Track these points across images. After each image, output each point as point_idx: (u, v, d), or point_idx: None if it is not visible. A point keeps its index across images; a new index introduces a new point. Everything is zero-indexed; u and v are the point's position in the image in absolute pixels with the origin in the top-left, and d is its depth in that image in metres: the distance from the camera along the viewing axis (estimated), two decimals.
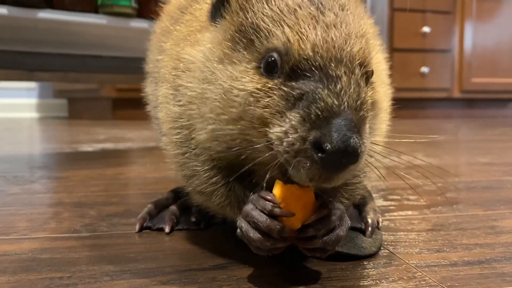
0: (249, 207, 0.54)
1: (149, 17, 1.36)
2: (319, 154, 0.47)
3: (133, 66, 1.46)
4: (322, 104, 0.48)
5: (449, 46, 3.82)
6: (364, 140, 0.49)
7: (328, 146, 0.46)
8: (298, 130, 0.48)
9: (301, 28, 0.51)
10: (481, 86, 3.87)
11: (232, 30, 0.55)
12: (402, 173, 0.62)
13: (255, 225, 0.53)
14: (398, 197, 1.01)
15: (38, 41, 1.47)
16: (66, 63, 1.58)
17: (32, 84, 3.99)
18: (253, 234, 0.53)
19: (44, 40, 1.48)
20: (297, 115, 0.49)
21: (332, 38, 0.51)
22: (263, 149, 0.52)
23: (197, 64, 0.59)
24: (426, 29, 3.71)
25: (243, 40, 0.54)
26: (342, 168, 0.48)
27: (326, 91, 0.48)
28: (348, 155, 0.47)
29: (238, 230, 0.56)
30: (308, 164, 0.48)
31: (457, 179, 1.24)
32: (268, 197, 0.53)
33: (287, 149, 0.49)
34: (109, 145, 2.00)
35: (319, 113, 0.48)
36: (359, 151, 0.47)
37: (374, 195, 0.88)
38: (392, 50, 3.55)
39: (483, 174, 1.32)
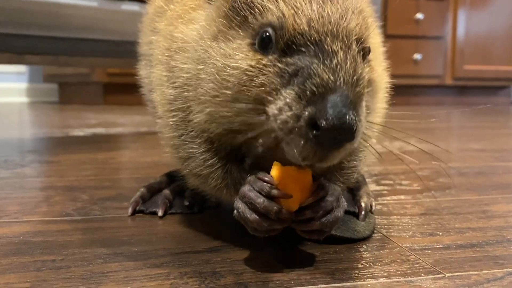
0: (246, 188, 0.54)
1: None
2: (314, 132, 0.46)
3: (125, 50, 1.44)
4: (318, 79, 0.47)
5: (442, 33, 3.81)
6: (360, 117, 0.48)
7: (323, 123, 0.45)
8: (292, 107, 0.47)
9: (296, 2, 0.50)
10: (473, 74, 3.87)
11: (226, 7, 0.55)
12: (399, 154, 0.61)
13: (252, 206, 0.53)
14: (391, 182, 1.01)
15: (28, 24, 1.45)
16: (56, 46, 1.56)
17: (22, 68, 3.93)
18: (250, 215, 0.53)
19: (34, 23, 1.46)
20: (292, 92, 0.48)
21: (328, 13, 0.50)
22: (260, 130, 0.51)
23: (190, 43, 0.58)
24: (419, 15, 3.70)
25: (237, 17, 0.53)
26: (338, 146, 0.47)
27: (321, 66, 0.47)
28: (344, 132, 0.46)
29: (235, 211, 0.55)
30: (302, 142, 0.47)
31: (449, 164, 1.25)
32: (266, 179, 0.53)
33: (281, 126, 0.48)
34: (100, 130, 1.99)
35: (314, 89, 0.47)
36: (355, 128, 0.46)
37: (367, 180, 0.88)
38: (385, 36, 3.53)
39: (475, 160, 1.33)
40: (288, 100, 0.48)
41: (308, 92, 0.47)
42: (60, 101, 3.88)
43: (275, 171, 0.53)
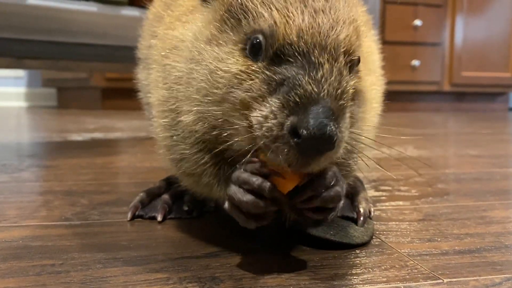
0: (238, 171, 0.54)
1: (140, 5, 1.34)
2: (295, 139, 0.47)
3: (124, 55, 1.45)
4: (302, 90, 0.48)
5: (440, 39, 3.83)
6: (342, 129, 0.49)
7: (304, 132, 0.46)
8: (277, 116, 0.49)
9: (288, 11, 0.51)
10: (470, 80, 3.89)
11: (222, 10, 0.56)
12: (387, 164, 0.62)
13: (246, 187, 0.53)
14: (389, 188, 1.01)
15: (27, 28, 1.45)
16: (55, 51, 1.57)
17: (21, 73, 3.93)
18: (245, 197, 0.53)
19: (33, 27, 1.46)
20: (277, 100, 0.49)
21: (318, 24, 0.51)
22: (242, 132, 0.52)
23: (186, 43, 0.59)
24: (417, 22, 3.72)
25: (231, 20, 0.54)
26: (318, 154, 0.49)
27: (306, 77, 0.49)
28: (324, 142, 0.47)
29: (226, 203, 0.56)
30: (286, 150, 0.48)
31: (447, 170, 1.25)
32: (256, 159, 0.53)
33: (266, 134, 0.49)
34: (98, 135, 1.99)
35: (298, 99, 0.48)
36: (335, 138, 0.47)
37: (365, 186, 0.88)
38: (383, 42, 3.55)
39: (472, 166, 1.33)
40: (273, 108, 0.49)
41: (291, 102, 0.48)
42: (59, 106, 3.88)
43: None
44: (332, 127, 0.47)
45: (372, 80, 0.71)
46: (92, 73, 3.23)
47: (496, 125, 2.85)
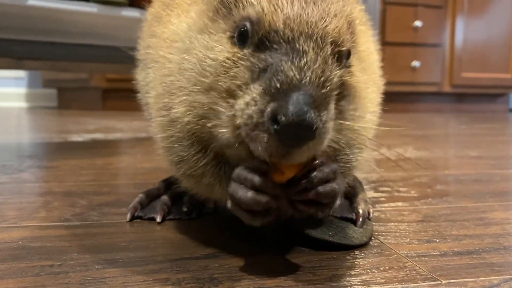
0: (238, 169, 0.54)
1: (140, 6, 1.34)
2: (275, 127, 0.46)
3: (124, 56, 1.45)
4: (283, 76, 0.48)
5: (440, 40, 3.83)
6: (323, 118, 0.48)
7: (282, 118, 0.45)
8: (258, 102, 0.48)
9: (278, 1, 0.51)
10: (471, 81, 3.89)
11: (216, 1, 0.56)
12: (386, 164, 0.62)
13: (247, 183, 0.52)
14: (389, 189, 1.01)
15: (28, 29, 1.45)
16: (55, 52, 1.57)
17: (21, 73, 3.93)
18: (247, 194, 0.52)
19: (33, 28, 1.46)
20: (259, 87, 0.49)
21: (307, 13, 0.51)
22: (226, 121, 0.52)
23: (180, 35, 0.59)
24: (417, 23, 3.72)
25: (223, 9, 0.55)
26: (298, 143, 0.48)
27: (289, 64, 0.48)
28: (303, 130, 0.46)
29: (229, 202, 0.55)
30: (265, 138, 0.47)
31: (446, 171, 1.25)
32: (255, 159, 0.53)
33: (246, 121, 0.49)
34: (99, 135, 1.99)
35: (279, 85, 0.47)
36: (315, 126, 0.46)
37: (364, 187, 0.88)
38: (384, 43, 3.55)
39: (472, 167, 1.33)
40: (254, 95, 0.49)
41: (272, 89, 0.48)
42: (59, 106, 3.89)
43: None
44: (312, 114, 0.46)
45: (368, 79, 0.70)
46: (92, 74, 3.24)
47: (497, 126, 2.85)
